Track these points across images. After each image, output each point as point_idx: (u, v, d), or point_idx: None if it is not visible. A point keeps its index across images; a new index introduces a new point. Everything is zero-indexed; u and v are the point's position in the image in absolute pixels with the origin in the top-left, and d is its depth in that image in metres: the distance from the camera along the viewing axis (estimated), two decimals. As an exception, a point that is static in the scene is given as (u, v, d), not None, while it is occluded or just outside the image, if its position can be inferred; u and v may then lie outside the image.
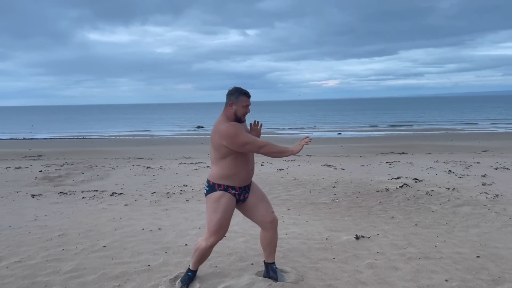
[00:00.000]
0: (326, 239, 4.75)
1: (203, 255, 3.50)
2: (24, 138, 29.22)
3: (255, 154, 3.55)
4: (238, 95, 3.38)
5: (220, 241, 4.59)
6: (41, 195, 7.45)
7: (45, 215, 6.00)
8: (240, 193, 3.45)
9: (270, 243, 3.60)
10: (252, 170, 3.49)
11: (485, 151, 14.53)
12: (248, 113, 3.45)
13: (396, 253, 4.24)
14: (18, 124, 52.62)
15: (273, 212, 3.57)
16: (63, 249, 4.49)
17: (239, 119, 3.40)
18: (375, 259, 4.08)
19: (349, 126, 38.15)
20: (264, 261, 3.71)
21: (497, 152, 13.98)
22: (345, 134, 29.16)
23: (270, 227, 3.54)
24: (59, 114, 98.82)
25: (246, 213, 3.60)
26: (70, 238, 4.90)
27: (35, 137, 30.45)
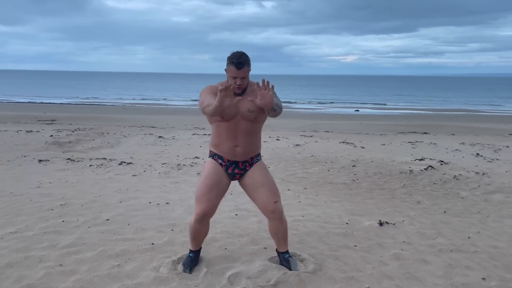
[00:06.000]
0: (347, 223, 4.35)
1: (192, 231, 3.17)
2: (42, 102, 29.21)
3: (262, 132, 3.15)
4: (228, 63, 2.89)
5: (231, 221, 4.27)
6: (48, 160, 7.19)
7: (50, 182, 5.73)
8: (228, 166, 3.09)
9: (277, 233, 3.20)
10: (240, 148, 3.03)
11: (512, 134, 13.80)
12: (238, 87, 2.89)
13: (424, 244, 3.83)
14: (38, 88, 52.83)
15: (276, 202, 3.07)
16: (63, 221, 4.20)
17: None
18: (402, 250, 3.68)
19: (367, 103, 37.16)
20: (275, 249, 3.35)
21: (526, 136, 13.24)
22: (363, 111, 28.36)
23: (272, 217, 3.11)
24: (77, 79, 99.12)
25: (250, 197, 3.22)
26: (72, 208, 4.61)
27: (52, 102, 30.45)
